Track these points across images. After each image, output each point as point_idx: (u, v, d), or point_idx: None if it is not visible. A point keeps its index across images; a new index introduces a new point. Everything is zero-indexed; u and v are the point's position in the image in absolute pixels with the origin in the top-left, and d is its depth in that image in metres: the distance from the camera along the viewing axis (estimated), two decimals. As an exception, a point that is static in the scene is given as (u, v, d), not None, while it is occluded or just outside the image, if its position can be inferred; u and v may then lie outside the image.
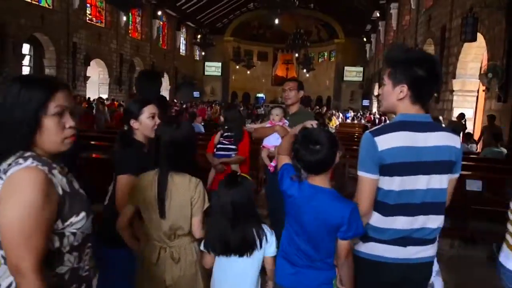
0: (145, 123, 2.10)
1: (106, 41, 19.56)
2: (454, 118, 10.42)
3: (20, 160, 1.12)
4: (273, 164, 3.29)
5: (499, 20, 8.41)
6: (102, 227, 1.96)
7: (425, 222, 1.62)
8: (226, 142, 3.62)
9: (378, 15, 23.32)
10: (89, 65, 17.92)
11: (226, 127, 3.68)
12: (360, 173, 1.61)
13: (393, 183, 1.58)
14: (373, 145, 1.56)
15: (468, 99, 11.20)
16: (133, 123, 2.12)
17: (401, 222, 1.61)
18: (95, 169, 4.35)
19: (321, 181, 1.65)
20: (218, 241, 1.81)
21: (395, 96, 1.64)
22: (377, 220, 1.64)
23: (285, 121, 3.44)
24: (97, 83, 19.65)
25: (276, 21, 22.31)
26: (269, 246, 1.88)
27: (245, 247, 1.82)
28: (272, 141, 3.40)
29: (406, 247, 1.63)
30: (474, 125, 11.01)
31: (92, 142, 6.38)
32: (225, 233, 1.79)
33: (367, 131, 1.62)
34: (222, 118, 4.48)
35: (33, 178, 1.10)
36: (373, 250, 1.65)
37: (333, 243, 1.66)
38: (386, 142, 1.56)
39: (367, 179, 1.59)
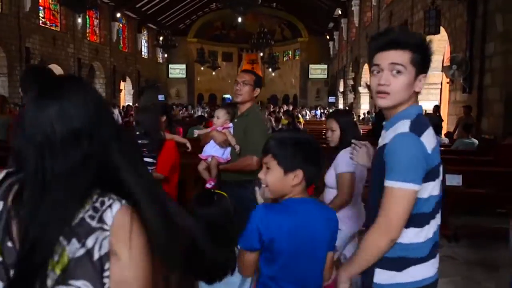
0: None
1: (62, 46, 18.64)
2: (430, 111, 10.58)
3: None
4: (212, 182, 2.72)
5: (460, 13, 8.55)
6: None
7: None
8: (144, 153, 2.76)
9: (340, 12, 23.60)
10: (44, 71, 16.99)
11: (137, 133, 2.82)
12: (400, 185, 1.29)
13: (431, 189, 1.37)
14: (422, 148, 1.31)
15: (432, 92, 11.41)
16: None
17: (433, 227, 1.40)
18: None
19: None
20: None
21: (413, 87, 1.38)
22: (413, 236, 1.37)
23: (230, 124, 2.84)
24: (54, 90, 18.70)
25: (240, 20, 22.07)
26: None
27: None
28: (207, 151, 2.78)
29: (436, 256, 1.43)
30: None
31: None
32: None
33: (407, 131, 1.32)
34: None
35: None
36: (415, 276, 1.37)
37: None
38: (429, 142, 1.33)
39: (411, 192, 1.29)
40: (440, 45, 10.50)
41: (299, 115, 16.40)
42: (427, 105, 11.18)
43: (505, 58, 6.96)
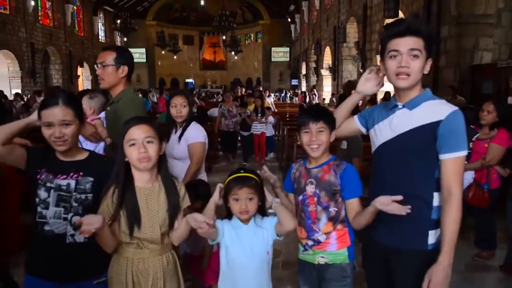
0: (42, 131, 1.62)
1: (13, 30, 17.57)
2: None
3: None
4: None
5: (417, -3, 8.91)
6: None
7: None
8: None
9: (301, -5, 23.72)
10: (-5, 57, 16.06)
11: None
12: (463, 153, 1.56)
13: None
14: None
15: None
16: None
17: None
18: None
19: None
20: None
21: (423, 70, 1.59)
22: (440, 199, 1.61)
23: (101, 115, 2.59)
24: (7, 77, 17.70)
25: (202, 2, 21.66)
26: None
27: None
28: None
29: None
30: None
31: None
32: None
33: (457, 109, 1.57)
34: None
35: None
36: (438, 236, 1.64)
37: None
38: None
39: (465, 157, 1.59)
40: (398, 28, 10.90)
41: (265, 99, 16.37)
42: (388, 87, 11.63)
43: (458, 40, 7.38)
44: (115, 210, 1.59)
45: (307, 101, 17.47)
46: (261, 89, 15.17)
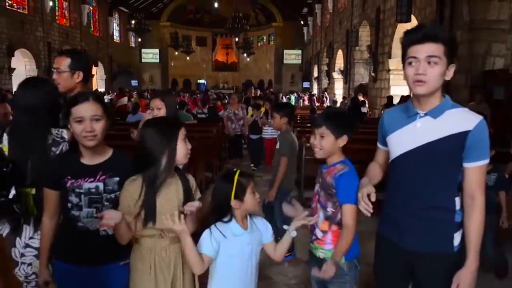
0: (73, 127, 1.69)
1: (30, 29, 17.99)
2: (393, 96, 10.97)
3: None
4: None
5: (430, 2, 8.90)
6: None
7: None
8: None
9: (314, -2, 23.76)
10: (13, 55, 16.37)
11: None
12: (487, 161, 1.61)
13: None
14: None
15: (403, 77, 11.83)
16: (69, 126, 1.73)
17: None
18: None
19: None
20: None
21: (444, 76, 1.58)
22: (461, 202, 1.67)
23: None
24: (24, 76, 18.10)
25: (216, 5, 21.84)
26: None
27: None
28: None
29: None
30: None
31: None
32: None
33: (483, 118, 1.60)
34: None
35: None
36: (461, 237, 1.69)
37: None
38: None
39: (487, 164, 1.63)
40: (411, 32, 10.87)
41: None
42: (398, 90, 11.66)
43: (471, 46, 7.36)
44: (140, 208, 1.67)
45: (316, 104, 17.39)
46: (272, 91, 14.83)
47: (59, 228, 1.81)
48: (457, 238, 1.67)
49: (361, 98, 12.70)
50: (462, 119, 1.59)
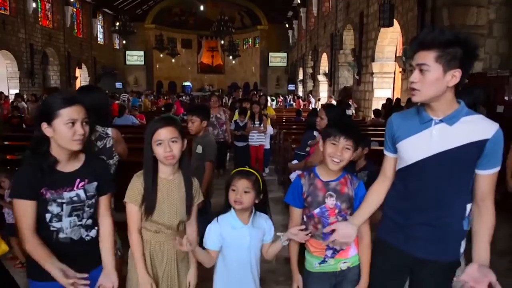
0: (61, 130, 1.62)
1: (12, 30, 17.69)
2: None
3: None
4: None
5: (412, 7, 9.12)
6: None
7: None
8: None
9: (299, 1, 23.95)
10: (-6, 57, 16.15)
11: None
12: (499, 168, 1.60)
13: None
14: None
15: (386, 80, 12.08)
16: (45, 128, 1.64)
17: None
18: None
19: None
20: None
21: (445, 82, 1.52)
22: (471, 209, 1.68)
23: None
24: (5, 77, 17.78)
25: (201, 8, 21.82)
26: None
27: None
28: None
29: None
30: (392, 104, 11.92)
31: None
32: None
33: (499, 126, 1.57)
34: None
35: None
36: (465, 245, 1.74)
37: None
38: None
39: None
40: (393, 36, 11.13)
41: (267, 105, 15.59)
42: (382, 93, 11.90)
43: (451, 50, 7.58)
44: (143, 199, 1.81)
45: (302, 106, 17.56)
46: (261, 93, 14.28)
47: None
48: (462, 246, 1.71)
49: (350, 102, 12.92)
50: (479, 127, 1.57)
